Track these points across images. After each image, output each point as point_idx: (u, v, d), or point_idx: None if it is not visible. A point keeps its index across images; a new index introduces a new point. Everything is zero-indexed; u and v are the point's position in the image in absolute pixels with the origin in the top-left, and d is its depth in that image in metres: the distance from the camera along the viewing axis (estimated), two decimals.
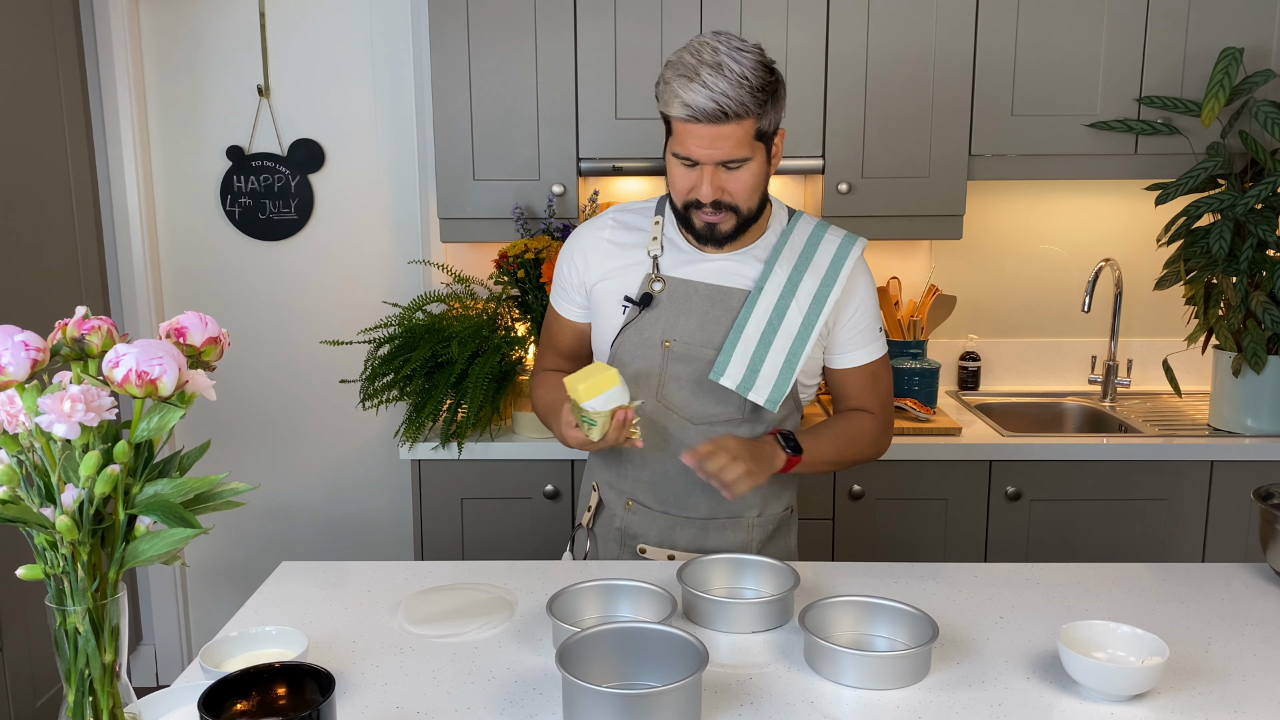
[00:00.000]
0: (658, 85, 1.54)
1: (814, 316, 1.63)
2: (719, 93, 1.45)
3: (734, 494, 1.52)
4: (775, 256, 1.64)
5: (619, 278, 1.67)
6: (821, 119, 2.55)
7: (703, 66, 1.47)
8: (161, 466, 0.96)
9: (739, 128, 1.49)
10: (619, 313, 1.67)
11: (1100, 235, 2.94)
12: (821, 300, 1.63)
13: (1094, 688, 1.22)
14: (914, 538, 2.49)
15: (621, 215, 1.72)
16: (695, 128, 1.49)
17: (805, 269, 1.64)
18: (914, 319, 2.81)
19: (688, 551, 1.70)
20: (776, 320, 1.62)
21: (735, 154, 1.51)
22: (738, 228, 1.59)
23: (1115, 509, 2.47)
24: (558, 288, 1.77)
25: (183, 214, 3.00)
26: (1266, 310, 2.39)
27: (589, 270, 1.70)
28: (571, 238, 1.74)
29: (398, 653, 1.35)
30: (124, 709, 0.98)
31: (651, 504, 1.70)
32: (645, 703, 1.10)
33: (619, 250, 1.68)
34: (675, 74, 1.49)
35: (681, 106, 1.48)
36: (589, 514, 1.78)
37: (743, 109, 1.47)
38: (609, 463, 1.75)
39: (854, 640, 1.35)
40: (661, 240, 1.67)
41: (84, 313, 0.96)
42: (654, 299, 1.64)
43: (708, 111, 1.46)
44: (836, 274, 1.64)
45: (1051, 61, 2.53)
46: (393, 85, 2.92)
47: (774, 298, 1.62)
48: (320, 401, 3.07)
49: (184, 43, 2.90)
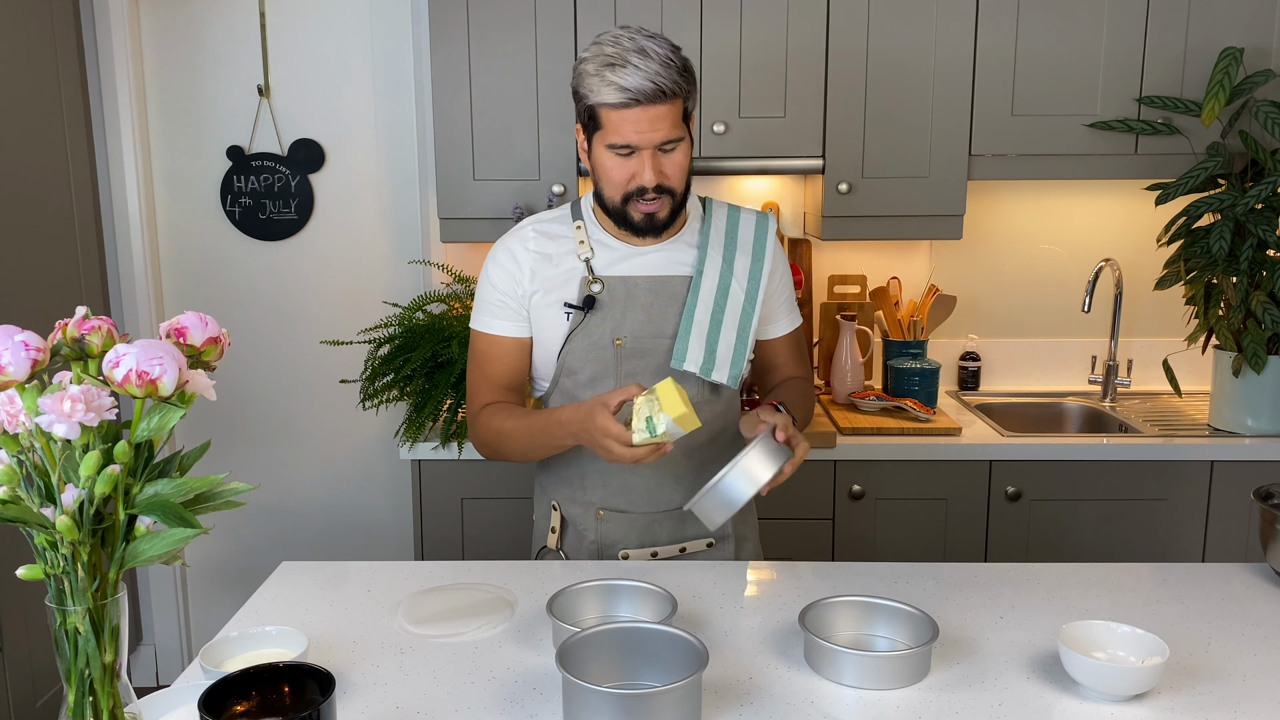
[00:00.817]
0: (577, 79, 1.56)
1: (754, 291, 1.69)
2: (653, 73, 1.50)
3: (795, 465, 1.49)
4: (705, 241, 1.69)
5: (554, 288, 1.66)
6: (821, 119, 2.55)
7: (629, 54, 1.51)
8: (161, 466, 0.96)
9: (672, 108, 1.53)
10: (561, 321, 1.66)
11: (1100, 235, 2.94)
12: (757, 276, 1.70)
13: (1094, 688, 1.22)
14: (914, 538, 2.49)
15: (540, 226, 1.71)
16: (632, 112, 1.52)
17: (735, 248, 1.70)
18: (914, 319, 2.81)
19: (670, 545, 1.70)
20: (722, 300, 1.66)
21: (672, 134, 1.55)
22: (672, 213, 1.62)
23: (1115, 509, 2.47)
24: (489, 309, 1.69)
25: (183, 214, 3.00)
26: (1266, 310, 2.39)
27: (523, 281, 1.66)
28: (496, 253, 1.70)
29: (398, 653, 1.35)
30: (124, 709, 0.98)
31: (626, 507, 1.69)
32: (645, 703, 1.10)
33: (547, 260, 1.67)
34: (601, 64, 1.52)
35: (618, 91, 1.50)
36: (554, 535, 1.74)
37: (676, 87, 1.52)
38: (567, 478, 1.72)
39: (854, 640, 1.35)
40: (589, 243, 1.67)
41: (84, 313, 0.96)
42: (596, 300, 1.64)
43: (647, 91, 1.50)
44: (763, 249, 1.71)
45: (1051, 61, 2.53)
46: (393, 85, 2.92)
47: (715, 279, 1.66)
48: (320, 401, 3.07)
49: (184, 43, 2.90)
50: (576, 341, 1.65)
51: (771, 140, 2.55)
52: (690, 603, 1.50)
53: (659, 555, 1.71)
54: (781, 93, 2.53)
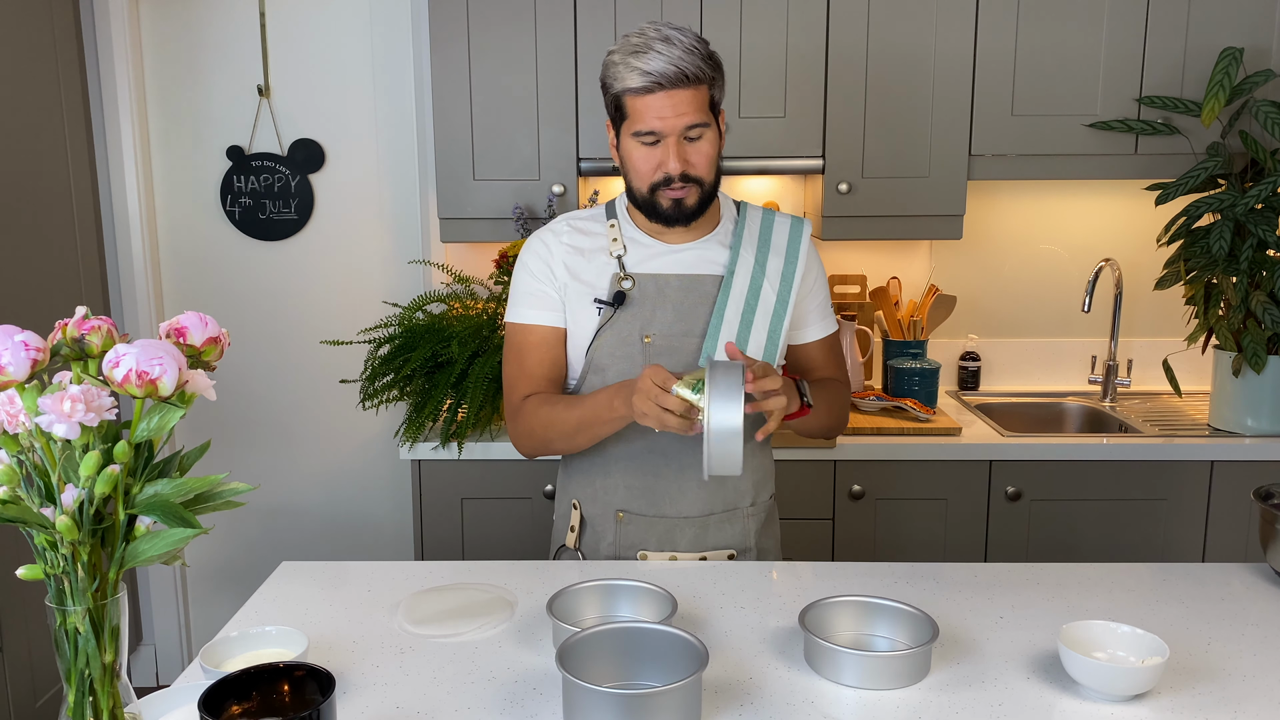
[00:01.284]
0: (604, 71, 1.58)
1: (786, 293, 1.68)
2: (675, 57, 1.51)
3: (767, 430, 1.48)
4: (738, 241, 1.69)
5: (585, 282, 1.66)
6: (821, 119, 2.55)
7: (653, 41, 1.53)
8: (161, 466, 0.96)
9: (697, 93, 1.54)
10: (592, 316, 1.66)
11: (1100, 235, 2.94)
12: (789, 278, 1.69)
13: (1094, 688, 1.22)
14: (914, 538, 2.49)
15: (575, 221, 1.72)
16: (655, 98, 1.53)
17: (768, 250, 1.70)
18: (914, 319, 2.81)
19: (690, 554, 1.70)
20: (753, 300, 1.66)
21: (696, 119, 1.55)
22: (701, 203, 1.62)
23: (1115, 509, 2.47)
24: (525, 299, 1.69)
25: (183, 214, 3.00)
26: (1266, 310, 2.39)
27: (558, 272, 1.67)
28: (531, 244, 1.70)
29: (398, 653, 1.35)
30: (124, 709, 0.98)
31: (646, 510, 1.69)
32: (645, 703, 1.10)
33: (580, 254, 1.68)
34: (625, 54, 1.54)
35: (641, 75, 1.52)
36: (572, 534, 1.74)
37: (700, 71, 1.53)
38: (590, 478, 1.72)
39: (854, 640, 1.35)
40: (622, 240, 1.68)
41: (84, 313, 0.96)
42: (626, 297, 1.65)
43: (669, 75, 1.51)
44: (796, 252, 1.71)
45: (1051, 61, 2.53)
46: (393, 85, 2.92)
47: (746, 279, 1.66)
48: (320, 401, 3.07)
49: (184, 43, 2.90)
50: (605, 337, 1.65)
51: (771, 140, 2.55)
52: (690, 603, 1.50)
53: (677, 560, 1.70)
54: (781, 93, 2.53)
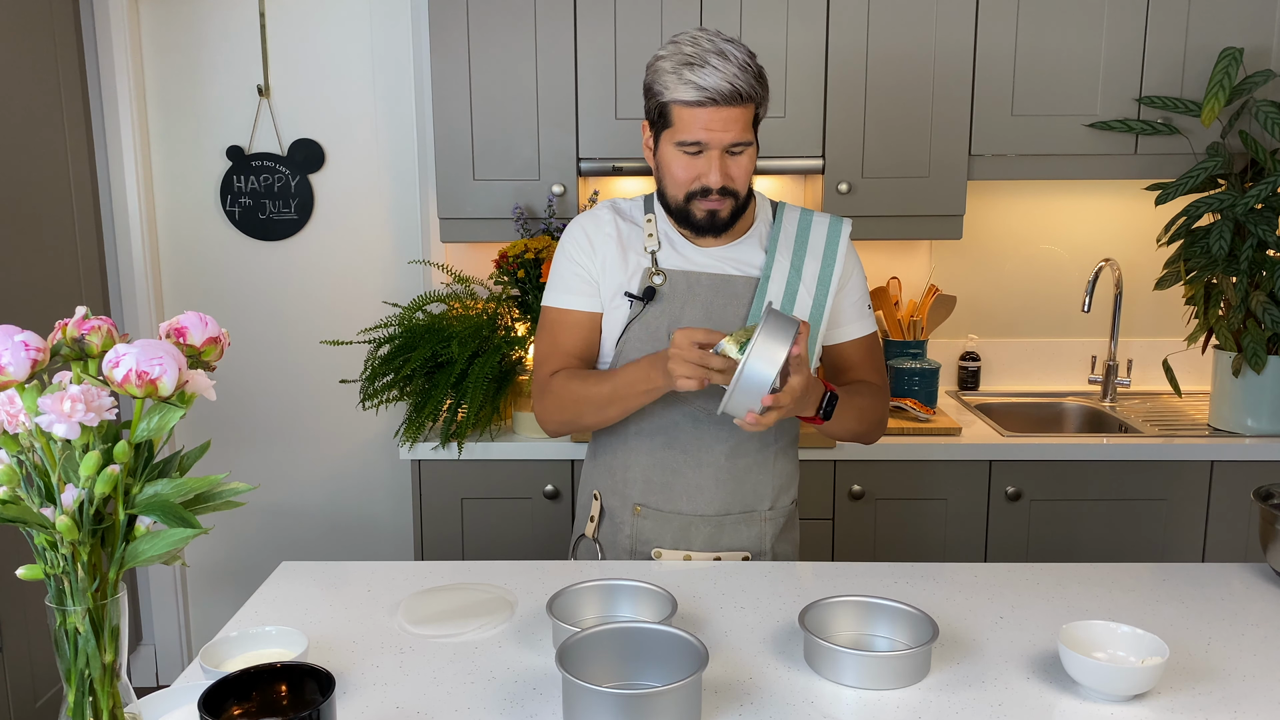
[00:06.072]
0: (653, 76, 1.58)
1: (822, 297, 1.67)
2: (730, 75, 1.51)
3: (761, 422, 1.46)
4: (774, 245, 1.68)
5: (620, 272, 1.67)
6: (821, 119, 2.55)
7: (709, 54, 1.52)
8: (161, 466, 0.96)
9: (745, 112, 1.55)
10: (623, 308, 1.67)
11: (1100, 235, 2.94)
12: (826, 281, 1.68)
13: (1094, 688, 1.22)
14: (914, 538, 2.49)
15: (619, 207, 1.73)
16: (705, 111, 1.53)
17: (804, 253, 1.68)
18: (914, 319, 2.81)
19: (704, 552, 1.70)
20: (789, 304, 1.65)
21: (743, 136, 1.56)
22: (733, 215, 1.62)
23: (1115, 509, 2.47)
24: (564, 282, 1.70)
25: (183, 214, 3.00)
26: (1266, 310, 2.39)
27: (597, 259, 1.68)
28: (573, 229, 1.71)
29: (398, 653, 1.35)
30: (124, 709, 0.98)
31: (662, 506, 1.69)
32: (645, 703, 1.10)
33: (619, 245, 1.68)
34: (679, 63, 1.53)
35: (696, 90, 1.52)
36: (592, 524, 1.75)
37: (752, 90, 1.53)
38: (611, 469, 1.73)
39: (854, 640, 1.35)
40: (658, 235, 1.68)
41: (84, 313, 0.96)
42: (656, 292, 1.65)
43: (724, 93, 1.51)
44: (834, 255, 1.70)
45: (1051, 61, 2.53)
46: (393, 85, 2.92)
47: (783, 282, 1.66)
48: (320, 401, 3.07)
49: (184, 43, 2.91)
50: (634, 331, 1.65)
51: (771, 140, 2.55)
52: (690, 603, 1.50)
53: (693, 560, 1.70)
54: (781, 93, 2.53)
